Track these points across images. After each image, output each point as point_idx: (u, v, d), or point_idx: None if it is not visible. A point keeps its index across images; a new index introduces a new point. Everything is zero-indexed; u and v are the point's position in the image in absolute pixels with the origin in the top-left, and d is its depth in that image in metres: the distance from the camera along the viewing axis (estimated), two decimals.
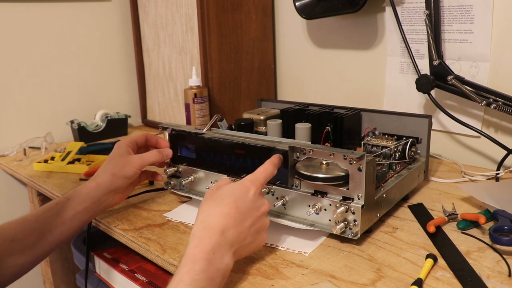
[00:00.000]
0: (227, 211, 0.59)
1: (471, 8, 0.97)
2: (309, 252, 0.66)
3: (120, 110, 1.50)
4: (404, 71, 1.13)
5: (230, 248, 0.57)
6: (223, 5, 1.25)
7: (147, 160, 0.79)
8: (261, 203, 0.63)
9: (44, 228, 0.71)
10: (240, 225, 0.59)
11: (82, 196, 0.74)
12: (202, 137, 0.81)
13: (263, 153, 0.73)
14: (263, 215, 0.63)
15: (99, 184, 0.76)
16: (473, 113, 1.03)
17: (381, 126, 0.93)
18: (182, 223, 0.78)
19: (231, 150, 0.78)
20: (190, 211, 0.83)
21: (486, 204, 0.75)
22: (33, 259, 0.71)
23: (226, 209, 0.59)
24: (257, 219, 0.61)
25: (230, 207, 0.59)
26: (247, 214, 0.60)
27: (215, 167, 0.81)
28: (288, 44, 1.40)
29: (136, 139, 0.83)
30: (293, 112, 0.96)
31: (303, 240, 0.70)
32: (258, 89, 1.39)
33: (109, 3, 1.46)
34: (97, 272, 0.98)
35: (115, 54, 1.50)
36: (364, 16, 1.18)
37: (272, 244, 0.69)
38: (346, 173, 0.67)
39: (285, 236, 0.72)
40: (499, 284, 0.57)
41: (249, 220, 0.60)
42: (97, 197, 0.75)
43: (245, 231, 0.59)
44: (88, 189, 0.75)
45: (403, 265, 0.62)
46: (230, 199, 0.60)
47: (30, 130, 1.34)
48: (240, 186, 0.62)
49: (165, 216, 0.81)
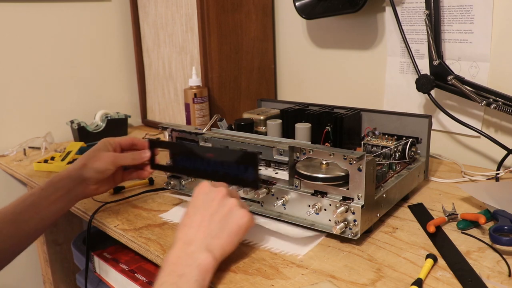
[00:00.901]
0: (183, 221, 0.63)
1: (471, 8, 0.97)
2: (301, 255, 0.66)
3: (120, 110, 1.50)
4: (404, 71, 1.13)
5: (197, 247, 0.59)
6: (223, 5, 1.25)
7: (121, 159, 0.80)
8: (216, 189, 0.65)
9: (21, 219, 0.72)
10: (197, 224, 0.61)
11: (54, 185, 0.75)
12: (177, 144, 0.80)
13: (235, 156, 0.70)
14: (224, 197, 0.64)
15: (70, 172, 0.77)
16: (473, 113, 1.03)
17: (381, 126, 0.93)
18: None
19: (202, 153, 0.75)
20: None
21: (486, 204, 0.75)
22: (13, 249, 0.73)
23: (183, 220, 0.63)
24: (217, 205, 0.63)
25: (184, 217, 0.63)
26: (201, 211, 0.63)
27: (190, 172, 0.81)
28: (288, 44, 1.40)
29: (121, 140, 0.83)
30: (293, 112, 0.96)
31: (296, 243, 0.69)
32: (258, 89, 1.39)
33: (109, 3, 1.46)
34: (97, 272, 0.98)
35: (115, 54, 1.50)
36: (364, 16, 1.18)
37: (265, 247, 0.69)
38: (346, 173, 0.67)
39: (278, 238, 0.71)
40: (499, 284, 0.57)
41: (206, 214, 0.62)
42: (68, 186, 0.76)
43: (205, 225, 0.61)
44: (59, 177, 0.76)
45: (403, 265, 0.62)
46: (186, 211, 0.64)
47: (30, 130, 1.34)
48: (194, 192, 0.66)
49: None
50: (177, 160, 0.80)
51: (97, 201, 0.89)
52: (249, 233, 0.68)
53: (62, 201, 0.76)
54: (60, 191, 0.75)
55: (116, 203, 0.87)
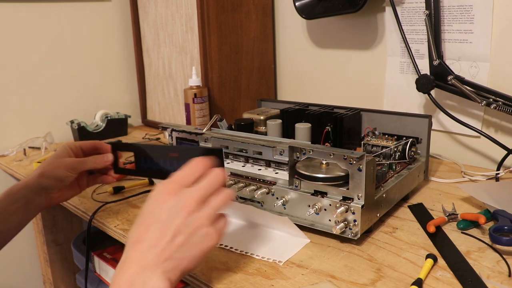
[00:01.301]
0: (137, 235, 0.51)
1: (471, 8, 0.97)
2: (283, 262, 0.64)
3: (120, 110, 1.50)
4: (404, 71, 1.13)
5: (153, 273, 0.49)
6: (223, 5, 1.25)
7: (81, 165, 0.75)
8: (181, 201, 0.51)
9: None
10: (155, 244, 0.49)
11: (12, 196, 0.72)
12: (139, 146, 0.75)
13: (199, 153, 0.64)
14: (190, 214, 0.51)
15: (27, 182, 0.73)
16: (473, 113, 1.03)
17: (381, 126, 0.93)
18: None
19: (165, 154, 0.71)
20: None
21: (486, 204, 0.75)
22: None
23: (136, 233, 0.51)
24: (181, 223, 0.50)
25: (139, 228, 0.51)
26: (163, 227, 0.50)
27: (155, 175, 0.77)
28: (288, 44, 1.40)
29: (82, 144, 0.78)
30: (293, 112, 0.96)
31: (279, 248, 0.68)
32: (258, 89, 1.39)
33: (109, 3, 1.46)
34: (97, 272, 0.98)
35: (115, 54, 1.50)
36: (364, 16, 1.18)
37: (246, 252, 0.67)
38: (346, 173, 0.67)
39: (261, 243, 0.69)
40: (499, 284, 0.57)
41: (168, 233, 0.50)
42: (27, 196, 0.73)
43: (166, 247, 0.50)
44: (17, 187, 0.73)
45: (403, 265, 0.62)
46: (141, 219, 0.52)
47: (30, 130, 1.34)
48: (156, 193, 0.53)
49: None
50: (141, 162, 0.74)
51: (97, 201, 0.89)
52: (230, 239, 0.68)
53: (22, 212, 0.73)
54: (19, 202, 0.72)
55: (116, 203, 0.87)
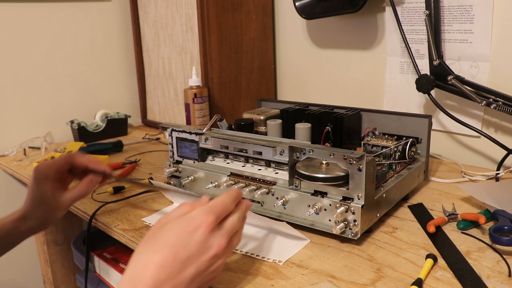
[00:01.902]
0: (162, 260, 0.47)
1: (471, 8, 0.97)
2: (283, 261, 0.64)
3: (120, 110, 1.50)
4: (404, 71, 1.13)
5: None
6: (223, 5, 1.25)
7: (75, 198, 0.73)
8: (213, 243, 0.50)
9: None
10: (177, 276, 0.47)
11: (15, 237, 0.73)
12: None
13: None
14: (215, 257, 0.50)
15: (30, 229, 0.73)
16: (473, 113, 1.03)
17: (381, 126, 0.93)
18: None
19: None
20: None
21: (486, 204, 0.75)
22: None
23: (161, 258, 0.47)
24: (205, 265, 0.49)
25: (166, 254, 0.47)
26: (189, 261, 0.48)
27: None
28: (288, 44, 1.40)
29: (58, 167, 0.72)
30: (293, 112, 0.96)
31: (279, 248, 0.68)
32: (258, 89, 1.39)
33: (109, 3, 1.46)
34: (97, 272, 0.98)
35: (115, 54, 1.50)
36: (364, 16, 1.18)
37: (246, 253, 0.67)
38: (346, 173, 0.67)
39: (261, 243, 0.69)
40: (499, 284, 0.57)
41: (191, 269, 0.48)
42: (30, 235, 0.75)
43: (186, 283, 0.48)
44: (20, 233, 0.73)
45: (403, 265, 0.62)
46: (168, 242, 0.48)
47: (30, 130, 1.34)
48: (187, 223, 0.50)
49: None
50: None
51: (97, 201, 0.89)
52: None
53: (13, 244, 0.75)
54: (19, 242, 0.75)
55: (116, 203, 0.87)
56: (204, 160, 0.85)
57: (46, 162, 0.72)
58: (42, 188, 0.70)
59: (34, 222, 0.72)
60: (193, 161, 0.85)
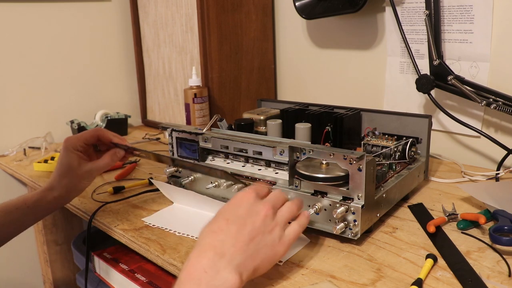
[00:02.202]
0: (216, 226, 0.55)
1: (471, 8, 0.97)
2: (283, 261, 0.64)
3: (120, 110, 1.50)
4: (404, 71, 1.13)
5: (229, 263, 0.51)
6: (223, 5, 1.25)
7: (100, 169, 0.80)
8: (260, 205, 0.57)
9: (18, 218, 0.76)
10: (234, 236, 0.53)
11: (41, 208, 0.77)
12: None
13: None
14: (266, 216, 0.56)
15: (56, 198, 0.77)
16: (473, 113, 1.03)
17: (381, 126, 0.93)
18: (163, 229, 0.76)
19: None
20: (171, 216, 0.81)
21: (486, 204, 0.75)
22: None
23: (215, 224, 0.55)
24: (258, 225, 0.55)
25: (219, 221, 0.55)
26: (241, 223, 0.55)
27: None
28: (288, 44, 1.40)
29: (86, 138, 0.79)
30: (293, 112, 0.96)
31: None
32: (258, 89, 1.39)
33: (109, 3, 1.46)
34: (97, 272, 0.98)
35: (115, 54, 1.50)
36: (364, 16, 1.18)
37: None
38: (346, 173, 0.67)
39: None
40: (499, 284, 0.57)
41: (246, 228, 0.54)
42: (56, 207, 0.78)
43: (244, 240, 0.53)
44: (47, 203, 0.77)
45: (403, 265, 0.62)
46: (220, 214, 0.57)
47: (30, 130, 1.34)
48: (236, 197, 0.59)
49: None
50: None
51: (97, 201, 0.89)
52: None
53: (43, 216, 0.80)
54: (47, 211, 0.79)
55: (116, 203, 0.87)
56: (204, 160, 0.85)
57: (76, 135, 0.79)
58: (70, 157, 0.76)
59: (60, 191, 0.77)
60: (193, 161, 0.85)
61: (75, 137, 0.78)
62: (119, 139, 0.82)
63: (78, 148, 0.77)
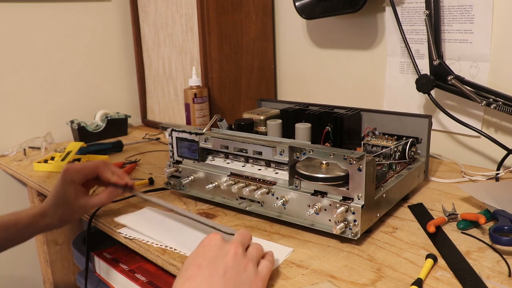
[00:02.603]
0: (189, 274, 0.54)
1: (471, 8, 0.97)
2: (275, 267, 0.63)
3: (120, 110, 1.50)
4: (404, 71, 1.13)
5: None
6: (223, 5, 1.25)
7: (96, 206, 0.79)
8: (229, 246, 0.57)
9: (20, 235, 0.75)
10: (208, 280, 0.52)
11: (32, 231, 0.76)
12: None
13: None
14: (237, 255, 0.56)
15: (48, 225, 0.76)
16: (473, 113, 1.03)
17: (381, 126, 0.93)
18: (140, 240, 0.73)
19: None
20: (146, 221, 0.80)
21: (486, 204, 0.75)
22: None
23: (188, 272, 0.54)
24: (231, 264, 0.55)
25: (191, 269, 0.54)
26: (214, 265, 0.54)
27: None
28: (288, 44, 1.40)
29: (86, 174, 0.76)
30: (293, 112, 0.96)
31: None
32: (258, 89, 1.39)
33: (109, 3, 1.46)
34: (97, 272, 0.98)
35: (115, 54, 1.50)
36: (364, 16, 1.18)
37: None
38: (346, 173, 0.67)
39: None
40: (499, 284, 0.57)
41: (220, 270, 0.53)
42: (46, 231, 0.81)
43: (219, 282, 0.52)
44: (38, 227, 0.76)
45: (403, 265, 0.62)
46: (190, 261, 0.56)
47: (30, 130, 1.34)
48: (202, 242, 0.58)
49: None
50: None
51: None
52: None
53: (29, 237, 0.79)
54: (35, 234, 0.79)
55: (116, 203, 0.87)
56: (204, 160, 0.85)
57: (75, 166, 0.76)
58: (67, 189, 0.74)
59: (52, 220, 0.76)
60: (193, 161, 0.85)
61: (74, 171, 0.75)
62: (118, 178, 0.78)
63: (76, 181, 0.75)
